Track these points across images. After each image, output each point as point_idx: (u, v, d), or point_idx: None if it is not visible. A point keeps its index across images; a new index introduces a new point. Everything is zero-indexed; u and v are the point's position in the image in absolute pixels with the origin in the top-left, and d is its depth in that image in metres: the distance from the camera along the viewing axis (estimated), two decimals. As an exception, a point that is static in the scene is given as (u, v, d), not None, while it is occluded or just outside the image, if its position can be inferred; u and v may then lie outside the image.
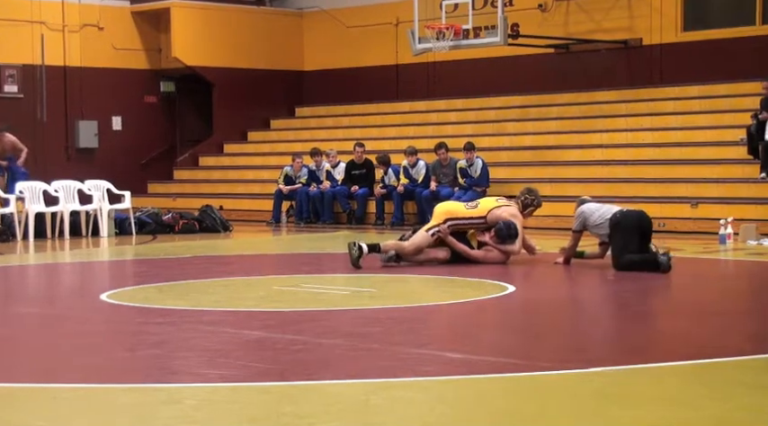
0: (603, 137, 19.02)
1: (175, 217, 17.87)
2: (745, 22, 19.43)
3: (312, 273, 11.76)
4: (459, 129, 20.93)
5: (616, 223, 11.25)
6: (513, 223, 11.78)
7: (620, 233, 11.19)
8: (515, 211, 11.95)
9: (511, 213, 11.88)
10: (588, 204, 11.74)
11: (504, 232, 11.74)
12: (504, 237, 11.76)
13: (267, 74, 24.32)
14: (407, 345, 7.12)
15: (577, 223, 11.63)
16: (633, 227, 11.21)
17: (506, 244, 11.81)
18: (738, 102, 18.27)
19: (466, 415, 5.32)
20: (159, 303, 9.30)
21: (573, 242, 11.71)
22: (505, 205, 12.03)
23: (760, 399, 5.51)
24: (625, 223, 11.22)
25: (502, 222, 11.77)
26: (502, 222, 11.77)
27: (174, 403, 5.60)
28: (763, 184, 15.70)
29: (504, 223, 11.76)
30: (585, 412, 5.34)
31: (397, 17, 22.82)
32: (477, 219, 11.94)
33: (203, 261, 13.53)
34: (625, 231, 11.17)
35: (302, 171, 19.78)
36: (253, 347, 7.21)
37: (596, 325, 8.25)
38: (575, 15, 21.05)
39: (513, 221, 11.79)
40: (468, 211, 12.02)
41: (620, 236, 11.17)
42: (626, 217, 11.30)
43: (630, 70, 20.51)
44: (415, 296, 10.26)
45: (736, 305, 9.60)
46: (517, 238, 11.78)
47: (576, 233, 11.65)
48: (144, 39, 23.66)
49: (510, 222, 11.77)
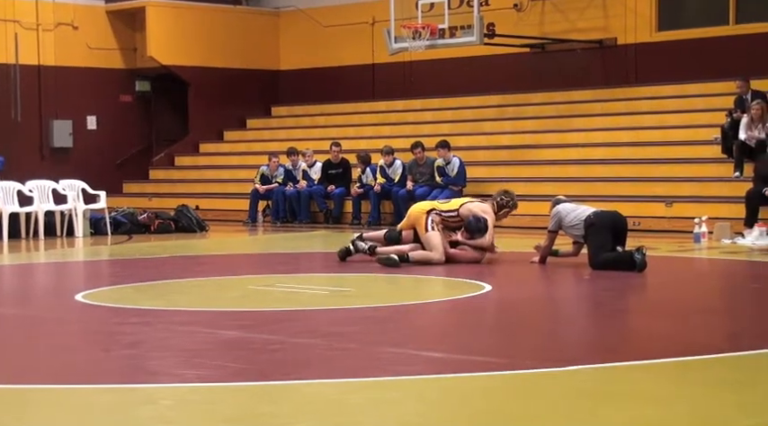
0: (579, 137, 19.08)
1: (151, 217, 17.81)
2: (718, 21, 19.53)
3: (289, 273, 11.74)
4: (436, 129, 20.94)
5: (591, 224, 11.31)
6: (484, 217, 11.89)
7: (595, 234, 11.25)
8: (487, 208, 12.08)
9: (482, 209, 12.03)
10: (564, 204, 11.78)
11: (474, 225, 11.84)
12: (474, 231, 11.85)
13: (243, 73, 24.28)
14: (384, 345, 7.12)
15: (553, 223, 11.68)
16: (607, 228, 11.29)
17: (476, 238, 11.86)
18: (712, 101, 18.37)
19: (443, 415, 5.32)
20: (135, 303, 9.27)
21: (548, 241, 11.77)
22: (478, 201, 12.28)
23: (735, 396, 5.55)
24: (600, 224, 11.28)
25: (472, 216, 11.91)
26: (472, 216, 11.91)
27: (149, 404, 5.59)
28: (737, 183, 15.78)
29: (474, 217, 11.90)
30: (563, 410, 5.35)
31: (374, 16, 22.82)
32: (450, 212, 12.04)
33: (179, 261, 13.49)
34: (600, 232, 11.23)
35: (279, 170, 19.75)
36: (229, 347, 7.20)
37: (573, 324, 8.28)
38: (550, 15, 21.10)
39: (484, 216, 11.90)
40: (440, 204, 12.29)
41: (596, 237, 11.23)
42: (600, 218, 11.36)
43: (606, 70, 20.58)
44: (393, 295, 10.26)
45: (711, 303, 9.65)
46: (487, 232, 11.84)
47: (552, 233, 11.71)
48: (119, 39, 23.57)
49: (480, 216, 11.89)
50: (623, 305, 9.58)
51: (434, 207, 12.18)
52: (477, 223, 11.86)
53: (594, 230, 11.25)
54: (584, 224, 11.35)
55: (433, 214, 11.98)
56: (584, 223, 11.35)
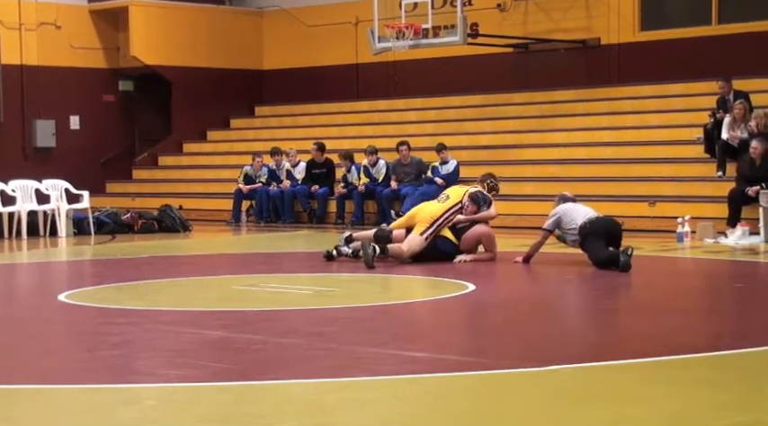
0: (561, 137, 19.12)
1: (134, 217, 17.78)
2: (701, 22, 19.60)
3: (272, 273, 11.75)
4: (420, 128, 20.98)
5: (586, 233, 11.36)
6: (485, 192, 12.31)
7: (590, 243, 11.32)
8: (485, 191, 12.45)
9: (480, 189, 12.40)
10: (564, 206, 11.75)
11: (480, 198, 12.15)
12: (481, 202, 12.12)
13: (227, 73, 24.24)
14: (366, 344, 7.14)
15: (550, 222, 11.67)
16: (601, 235, 11.35)
17: (482, 210, 12.10)
18: (694, 101, 18.42)
19: (424, 414, 5.33)
20: (118, 303, 9.25)
21: (541, 239, 11.76)
22: (473, 187, 12.49)
23: (715, 395, 5.57)
24: (594, 231, 11.34)
25: (476, 190, 12.28)
26: (476, 190, 12.28)
27: (133, 404, 5.59)
28: (720, 183, 15.84)
29: (479, 190, 12.29)
30: (544, 409, 5.37)
31: (357, 16, 22.82)
32: (455, 207, 12.18)
33: (162, 261, 13.47)
34: (595, 240, 11.30)
35: (262, 170, 19.74)
36: (212, 347, 7.20)
37: (555, 324, 8.30)
38: (533, 15, 21.14)
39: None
40: (444, 205, 12.27)
41: (591, 247, 11.31)
42: (595, 226, 11.40)
43: (589, 70, 20.63)
44: (375, 295, 10.27)
45: (693, 303, 9.69)
46: (492, 205, 12.22)
47: (547, 231, 11.71)
48: (102, 38, 23.50)
49: (482, 191, 12.30)
50: (605, 304, 9.61)
51: (436, 214, 12.12)
52: (483, 195, 12.21)
53: (590, 239, 11.34)
54: (580, 232, 11.39)
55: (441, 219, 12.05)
56: (580, 231, 11.39)
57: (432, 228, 12.03)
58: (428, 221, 12.09)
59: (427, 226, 12.05)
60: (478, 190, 12.27)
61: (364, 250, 11.58)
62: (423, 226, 12.07)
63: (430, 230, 12.02)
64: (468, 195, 12.16)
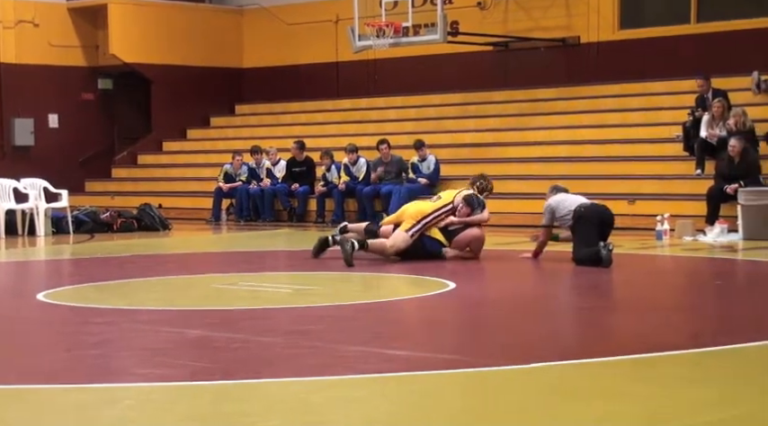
0: (542, 135, 19.15)
1: (113, 216, 17.71)
2: (680, 20, 19.67)
3: (252, 271, 11.71)
4: (400, 127, 20.98)
5: (579, 216, 11.39)
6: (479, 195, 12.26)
7: (582, 227, 11.33)
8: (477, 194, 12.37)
9: (474, 192, 12.32)
10: (555, 197, 11.80)
11: (475, 200, 12.09)
12: (475, 204, 12.07)
13: (207, 71, 24.18)
14: (349, 343, 7.12)
15: (546, 218, 11.73)
16: (595, 222, 11.37)
17: (475, 213, 12.06)
18: (674, 99, 18.49)
19: (410, 412, 5.32)
20: (97, 302, 9.21)
21: (543, 237, 11.80)
22: (465, 190, 12.39)
23: (695, 393, 5.59)
24: (588, 217, 11.37)
25: (470, 193, 12.20)
26: (470, 193, 12.20)
27: (113, 403, 5.55)
28: (699, 181, 15.89)
29: (473, 193, 12.22)
30: (528, 406, 5.37)
31: (337, 14, 22.80)
32: (445, 208, 12.14)
33: (142, 259, 13.42)
34: (587, 225, 11.31)
35: (242, 168, 19.70)
36: (192, 346, 7.17)
37: (537, 321, 8.30)
38: (513, 13, 21.17)
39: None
40: (435, 204, 12.24)
41: (582, 231, 11.32)
42: (589, 212, 11.45)
43: (569, 68, 20.67)
44: (357, 293, 10.26)
45: (673, 300, 9.72)
46: (485, 208, 12.18)
47: (546, 227, 11.74)
48: (81, 36, 23.40)
49: (476, 194, 12.24)
50: (587, 302, 9.63)
51: (425, 212, 12.09)
52: (478, 198, 12.15)
53: (582, 223, 11.35)
54: (574, 214, 11.41)
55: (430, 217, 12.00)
56: (574, 214, 11.41)
57: (418, 226, 11.96)
58: (415, 218, 12.02)
59: (414, 223, 11.98)
60: (473, 193, 12.21)
61: (343, 247, 11.52)
62: (410, 222, 12.01)
63: (416, 227, 11.95)
64: (463, 197, 12.09)
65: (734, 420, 5.06)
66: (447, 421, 5.17)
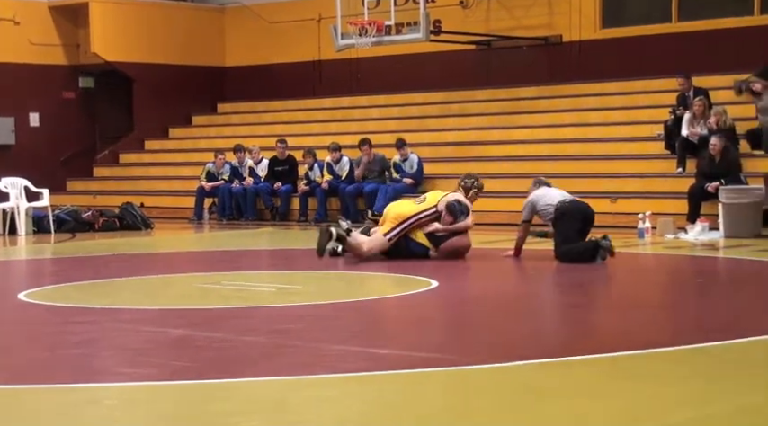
0: (524, 133, 19.19)
1: (95, 215, 17.66)
2: (662, 19, 19.73)
3: (235, 270, 11.70)
4: (383, 125, 20.99)
5: (562, 213, 11.39)
6: (463, 201, 12.01)
7: (564, 224, 11.34)
8: (461, 197, 12.14)
9: (457, 198, 12.08)
10: (536, 192, 11.80)
11: (457, 208, 11.89)
12: (457, 213, 11.88)
13: (188, 69, 24.12)
14: (330, 342, 7.12)
15: (526, 213, 11.73)
16: (577, 219, 11.39)
17: (459, 221, 11.91)
18: (656, 97, 18.55)
19: (389, 411, 5.33)
20: (79, 302, 9.19)
21: (522, 232, 11.79)
22: (451, 192, 12.23)
23: (672, 390, 5.61)
24: (570, 214, 11.38)
25: (453, 198, 11.97)
26: (453, 198, 11.97)
27: (94, 404, 5.54)
28: (680, 179, 15.95)
29: (456, 199, 11.97)
30: (509, 405, 5.38)
31: (320, 13, 22.78)
32: (428, 211, 11.98)
33: (123, 259, 13.39)
34: (569, 222, 11.33)
35: (224, 167, 19.68)
36: (174, 345, 7.16)
37: (518, 320, 8.32)
38: (496, 12, 21.20)
39: (463, 200, 12.03)
40: (418, 206, 12.07)
41: (564, 227, 11.33)
42: (572, 208, 11.46)
43: (551, 66, 20.72)
44: (339, 292, 10.25)
45: (654, 298, 9.75)
46: (469, 214, 11.96)
47: (526, 223, 11.74)
48: (62, 35, 23.31)
49: (460, 200, 12.00)
50: (568, 300, 9.65)
51: (406, 215, 11.96)
52: (460, 204, 11.95)
53: (564, 220, 11.35)
54: (556, 211, 11.42)
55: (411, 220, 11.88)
56: (556, 210, 11.42)
57: (397, 230, 11.85)
58: (395, 221, 11.91)
59: (392, 226, 11.88)
60: (456, 200, 11.97)
61: (320, 235, 11.50)
62: (389, 226, 11.92)
63: (394, 232, 11.85)
64: (446, 205, 11.90)
65: (712, 418, 5.08)
66: (426, 419, 5.18)
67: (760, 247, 12.89)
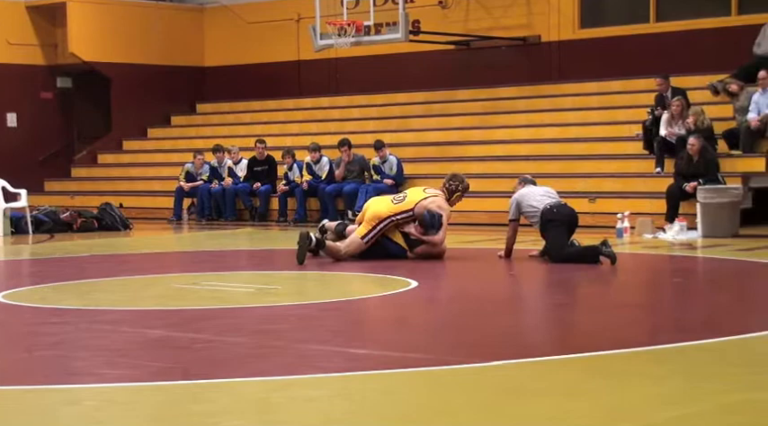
0: (504, 133, 19.23)
1: (74, 216, 17.60)
2: (640, 19, 19.82)
3: (214, 271, 11.68)
4: (362, 125, 20.99)
5: (549, 219, 11.38)
6: (438, 213, 11.73)
7: (553, 230, 11.33)
8: (442, 202, 11.90)
9: (438, 204, 11.82)
10: (522, 191, 11.76)
11: (428, 221, 11.68)
12: (428, 227, 11.71)
13: (167, 69, 24.06)
14: (310, 342, 7.12)
15: (512, 211, 11.69)
16: (565, 224, 11.40)
17: (429, 234, 11.76)
18: (634, 98, 18.62)
19: (369, 410, 5.33)
20: (57, 303, 9.15)
21: (511, 231, 11.74)
22: (432, 195, 11.96)
23: (654, 389, 5.63)
24: (558, 220, 11.36)
25: (426, 211, 11.73)
26: (426, 211, 11.73)
27: (73, 405, 5.53)
28: (659, 179, 16.01)
29: (429, 212, 11.71)
30: (489, 405, 5.39)
31: (299, 13, 22.77)
32: (405, 213, 11.84)
33: (102, 259, 13.34)
34: (558, 228, 11.33)
35: (204, 168, 19.64)
36: (153, 346, 7.14)
37: (497, 320, 8.33)
38: (474, 12, 21.24)
39: (439, 212, 11.75)
40: (395, 207, 11.89)
41: (554, 234, 11.32)
42: (559, 214, 11.45)
43: (530, 67, 20.77)
44: (319, 293, 10.25)
45: (632, 297, 9.79)
46: (441, 229, 11.75)
47: (513, 221, 11.71)
48: (39, 35, 23.21)
49: (435, 212, 11.73)
50: (547, 300, 9.68)
51: (383, 215, 11.82)
52: (432, 219, 11.68)
53: (553, 226, 11.35)
54: (543, 217, 11.40)
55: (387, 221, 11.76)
56: (543, 216, 11.40)
57: (374, 231, 11.78)
58: (372, 222, 11.83)
59: (369, 228, 11.81)
60: (429, 211, 11.69)
61: (300, 242, 11.45)
62: (366, 227, 11.84)
63: (371, 233, 11.78)
64: (419, 217, 11.71)
65: (691, 416, 5.10)
66: (406, 419, 5.19)
67: (738, 247, 12.96)
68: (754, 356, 6.60)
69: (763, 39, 17.56)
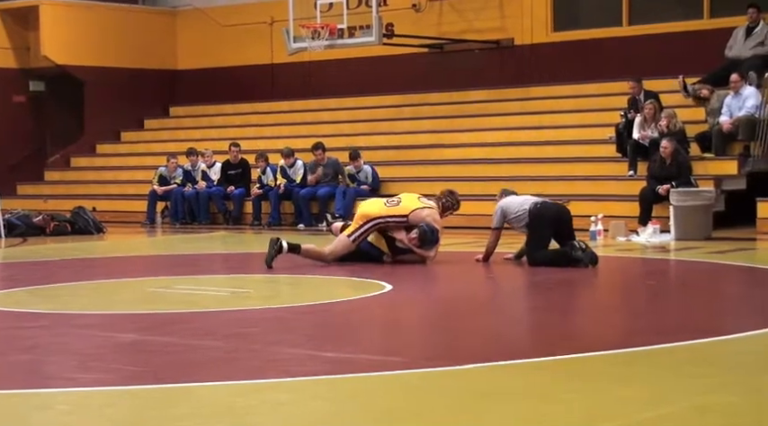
0: (476, 136, 19.26)
1: (46, 219, 17.51)
2: (612, 22, 19.90)
3: (187, 275, 11.64)
4: (335, 128, 20.99)
5: (536, 215, 11.33)
6: (437, 229, 11.60)
7: (537, 227, 11.26)
8: (437, 216, 11.72)
9: (434, 218, 11.65)
10: (506, 199, 11.70)
11: (429, 236, 11.49)
12: (427, 242, 11.53)
13: (140, 73, 23.99)
14: (282, 345, 7.11)
15: (496, 219, 11.59)
16: (550, 222, 11.35)
17: (424, 249, 11.60)
18: (607, 101, 18.68)
19: (340, 414, 5.33)
20: (30, 307, 9.10)
21: (493, 238, 11.69)
22: (429, 207, 11.76)
23: (627, 392, 5.65)
24: (544, 217, 11.32)
25: (426, 225, 11.51)
26: (426, 225, 11.51)
27: (45, 409, 5.50)
28: (632, 182, 16.08)
29: (430, 227, 11.51)
30: (460, 408, 5.40)
31: (272, 16, 22.75)
32: (398, 218, 11.65)
33: (75, 263, 13.28)
34: (542, 225, 11.27)
35: (177, 171, 19.58)
36: (126, 350, 7.11)
37: (469, 323, 8.34)
38: (448, 16, 21.28)
39: (435, 226, 11.60)
40: (388, 209, 11.70)
41: (537, 231, 11.26)
42: (546, 210, 11.41)
43: (503, 70, 20.81)
44: (292, 296, 10.24)
45: (606, 300, 9.83)
46: (438, 244, 11.64)
47: (496, 230, 11.66)
48: (11, 38, 23.10)
49: (434, 228, 11.56)
50: (520, 303, 9.70)
51: (373, 215, 11.66)
52: (432, 235, 11.51)
53: (537, 223, 11.28)
54: (530, 213, 11.35)
55: (369, 224, 11.65)
56: (530, 213, 11.35)
57: (360, 230, 11.65)
58: (359, 221, 11.71)
59: (356, 227, 11.71)
60: (429, 227, 11.50)
61: (269, 247, 11.39)
62: (353, 226, 11.75)
63: (358, 232, 11.65)
64: (419, 231, 11.49)
65: (665, 418, 5.12)
66: (378, 422, 5.18)
67: (710, 249, 13.02)
68: (727, 357, 6.63)
69: (734, 43, 17.68)
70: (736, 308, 9.09)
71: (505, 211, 11.56)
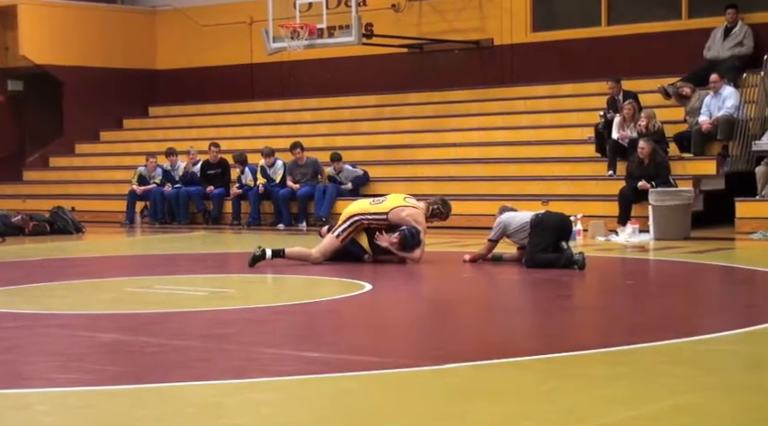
0: (456, 136, 19.29)
1: (25, 219, 17.43)
2: (591, 23, 19.95)
3: (167, 274, 11.61)
4: (314, 129, 20.99)
5: (538, 222, 11.34)
6: (419, 231, 11.55)
7: (539, 233, 11.29)
8: (420, 216, 11.67)
9: (415, 219, 11.61)
10: (508, 214, 11.69)
11: (409, 240, 11.46)
12: (407, 246, 11.52)
13: (119, 72, 23.92)
14: (262, 345, 7.10)
15: (495, 232, 11.56)
16: (553, 229, 11.36)
17: (406, 252, 11.57)
18: (586, 101, 18.75)
19: (321, 414, 5.33)
20: (8, 307, 9.05)
21: (486, 250, 11.68)
22: (412, 206, 11.71)
23: (609, 391, 5.67)
24: (545, 224, 11.34)
25: (407, 229, 11.49)
26: (407, 229, 11.49)
27: (23, 409, 5.47)
28: (611, 182, 16.13)
29: (410, 230, 11.48)
30: (441, 407, 5.40)
31: (251, 16, 22.71)
32: (378, 215, 11.63)
33: (54, 263, 13.23)
34: (544, 232, 11.29)
35: (156, 171, 19.54)
36: (106, 350, 7.09)
37: (450, 322, 8.35)
38: (427, 16, 21.30)
39: (418, 228, 11.56)
40: (372, 207, 11.71)
41: (538, 236, 11.29)
42: (548, 219, 11.46)
43: (483, 70, 20.84)
44: (272, 296, 10.23)
45: (586, 300, 9.86)
46: (419, 247, 11.59)
47: (492, 242, 11.64)
48: (-11, 37, 23.01)
49: (415, 230, 11.51)
50: (500, 302, 9.71)
51: (363, 211, 11.70)
52: (413, 239, 11.48)
53: (540, 230, 11.30)
54: (531, 222, 11.37)
55: (352, 220, 11.66)
56: (531, 221, 11.36)
57: (344, 226, 11.65)
58: (343, 219, 11.74)
59: (339, 224, 11.74)
60: (409, 230, 11.47)
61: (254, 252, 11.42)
62: (338, 224, 11.80)
63: (342, 228, 11.65)
64: (400, 233, 11.47)
65: (645, 417, 5.14)
66: (358, 422, 5.19)
67: (689, 249, 13.08)
68: (705, 357, 6.66)
69: (713, 43, 17.76)
70: (716, 308, 9.14)
71: (506, 226, 11.55)
